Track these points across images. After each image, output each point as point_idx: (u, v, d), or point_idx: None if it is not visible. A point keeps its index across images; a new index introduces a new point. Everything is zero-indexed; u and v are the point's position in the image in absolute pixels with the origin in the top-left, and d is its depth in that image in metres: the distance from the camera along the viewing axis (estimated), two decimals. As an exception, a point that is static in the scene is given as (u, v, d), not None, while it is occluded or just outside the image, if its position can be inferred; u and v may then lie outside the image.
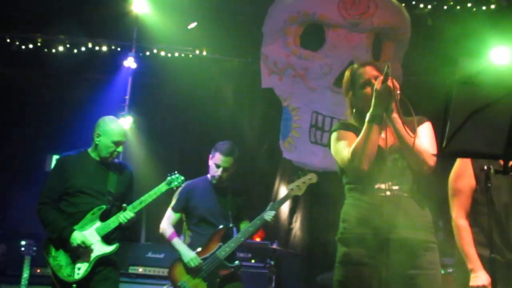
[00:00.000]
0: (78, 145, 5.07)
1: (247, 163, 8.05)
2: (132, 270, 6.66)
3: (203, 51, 8.48)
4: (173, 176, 5.05)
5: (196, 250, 5.10)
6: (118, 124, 4.96)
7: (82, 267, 4.61)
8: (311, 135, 7.43)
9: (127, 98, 7.83)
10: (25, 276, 5.92)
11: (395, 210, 3.10)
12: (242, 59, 8.54)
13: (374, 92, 3.07)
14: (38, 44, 8.55)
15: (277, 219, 8.02)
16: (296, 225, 8.01)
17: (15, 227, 7.63)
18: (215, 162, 5.21)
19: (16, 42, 8.47)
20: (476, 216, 3.68)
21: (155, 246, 6.83)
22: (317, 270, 6.75)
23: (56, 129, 8.07)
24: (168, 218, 5.31)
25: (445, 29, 7.69)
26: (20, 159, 8.36)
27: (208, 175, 5.37)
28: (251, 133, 8.29)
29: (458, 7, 8.04)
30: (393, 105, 3.08)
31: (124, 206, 4.77)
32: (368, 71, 3.29)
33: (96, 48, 8.61)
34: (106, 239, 4.73)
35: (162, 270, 6.55)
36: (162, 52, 8.62)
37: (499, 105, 2.25)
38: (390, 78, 3.01)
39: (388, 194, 3.14)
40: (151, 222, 7.47)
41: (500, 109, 2.27)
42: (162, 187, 4.97)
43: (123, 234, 5.03)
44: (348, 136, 3.24)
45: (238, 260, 5.22)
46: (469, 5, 8.00)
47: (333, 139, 3.33)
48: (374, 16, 7.27)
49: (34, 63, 8.58)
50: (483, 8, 7.97)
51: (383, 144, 3.19)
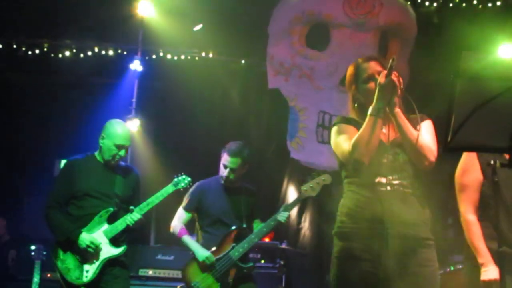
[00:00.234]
0: (86, 149, 5.04)
1: (254, 164, 8.05)
2: (142, 272, 6.64)
3: (209, 53, 8.51)
4: (179, 178, 5.04)
5: (210, 250, 5.06)
6: (123, 128, 4.91)
7: (90, 270, 4.61)
8: (318, 135, 7.43)
9: (134, 101, 7.85)
10: (35, 280, 5.97)
11: (395, 205, 3.09)
12: (248, 60, 8.54)
13: (378, 86, 3.05)
14: (45, 49, 8.60)
15: (286, 220, 8.08)
16: (305, 225, 7.99)
17: (25, 232, 7.68)
18: (223, 163, 5.16)
19: (23, 48, 8.53)
20: (485, 210, 3.66)
21: (164, 248, 6.82)
22: (326, 270, 6.72)
23: (64, 134, 8.10)
24: (179, 218, 5.27)
25: (451, 27, 7.68)
26: (28, 164, 8.41)
27: (219, 176, 5.32)
28: (258, 134, 8.27)
29: (464, 5, 8.04)
30: (395, 99, 3.07)
31: (131, 208, 4.77)
32: (373, 66, 3.27)
33: (103, 52, 8.65)
34: (114, 242, 4.73)
35: (172, 272, 6.53)
36: (168, 55, 8.64)
37: (504, 98, 2.24)
38: (395, 73, 3.01)
39: (388, 188, 3.12)
40: (160, 224, 7.47)
41: (505, 102, 2.26)
42: (169, 189, 4.96)
43: (132, 236, 5.03)
44: (349, 130, 3.22)
45: (251, 261, 5.19)
46: (474, 2, 8.00)
47: (333, 133, 3.31)
48: (380, 15, 7.27)
49: (41, 69, 8.62)
50: (489, 5, 7.97)
51: (385, 139, 3.18)
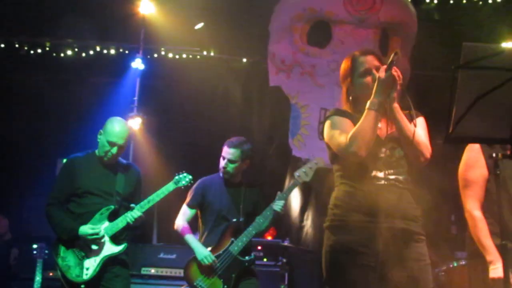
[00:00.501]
0: (88, 148, 5.03)
1: (256, 161, 8.05)
2: (144, 271, 6.65)
3: (211, 52, 8.51)
4: (181, 175, 5.03)
5: (209, 247, 5.07)
6: (119, 126, 4.84)
7: (91, 268, 4.60)
8: (319, 132, 7.41)
9: (136, 99, 7.85)
10: (37, 279, 5.98)
11: (392, 199, 3.10)
12: (249, 58, 8.53)
13: (377, 80, 3.06)
14: (47, 48, 8.60)
15: (288, 217, 8.06)
16: (308, 222, 7.97)
17: (27, 231, 7.68)
18: (222, 155, 5.19)
19: (25, 47, 8.53)
20: (490, 206, 3.63)
21: (167, 247, 6.83)
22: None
23: (66, 133, 8.10)
24: (184, 215, 5.26)
25: (451, 23, 7.68)
26: (30, 163, 8.40)
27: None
28: (260, 132, 8.27)
29: (465, 1, 8.01)
30: (394, 94, 3.07)
31: (132, 206, 4.76)
32: (370, 60, 3.27)
33: (104, 51, 8.64)
34: (115, 239, 4.72)
35: (174, 271, 6.54)
36: (169, 54, 8.64)
37: (505, 89, 2.24)
38: (395, 67, 3.00)
39: (384, 183, 3.13)
40: (162, 223, 7.47)
41: (506, 93, 2.25)
42: (170, 186, 4.95)
43: (134, 234, 5.02)
44: (344, 123, 3.21)
45: (252, 254, 5.16)
46: (475, -2, 7.98)
47: (328, 125, 3.29)
48: (381, 11, 7.26)
49: (42, 68, 8.62)
50: (490, 1, 7.94)
51: (381, 133, 3.18)
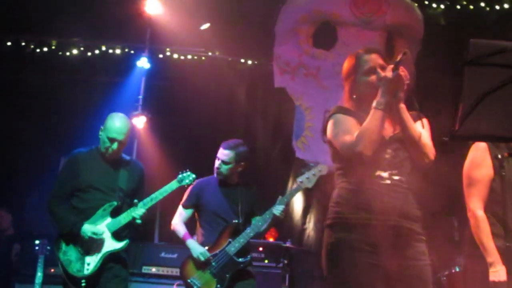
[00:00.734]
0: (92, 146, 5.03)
1: (260, 163, 8.04)
2: (145, 270, 6.65)
3: (216, 52, 8.51)
4: (184, 174, 5.03)
5: (206, 247, 5.09)
6: (119, 121, 4.82)
7: (92, 263, 4.60)
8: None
9: (141, 97, 7.85)
10: (39, 275, 5.97)
11: (395, 198, 3.09)
12: (254, 59, 8.54)
13: (384, 79, 3.05)
14: (53, 47, 8.62)
15: (290, 219, 8.05)
16: (310, 225, 7.96)
17: (29, 227, 7.68)
18: (217, 156, 5.24)
19: (31, 46, 8.55)
20: (493, 205, 3.62)
21: (168, 246, 6.84)
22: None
23: (70, 131, 8.10)
24: (180, 215, 5.31)
25: (458, 28, 7.66)
26: (34, 161, 8.41)
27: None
28: (264, 133, 8.27)
29: (471, 7, 7.99)
30: (401, 94, 3.06)
31: (135, 201, 4.76)
32: (374, 59, 3.25)
33: (110, 51, 8.66)
34: (116, 236, 4.72)
35: (175, 270, 6.52)
36: (175, 55, 8.65)
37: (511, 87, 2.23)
38: (402, 67, 3.00)
39: (388, 182, 3.12)
40: (164, 222, 7.44)
41: (512, 91, 2.24)
42: (173, 185, 4.96)
43: (135, 233, 5.02)
44: (348, 121, 3.18)
45: (249, 256, 5.17)
46: (482, 4, 7.95)
47: (332, 123, 3.25)
48: (387, 14, 7.24)
49: (48, 66, 8.64)
50: (497, 7, 7.92)
51: (386, 134, 3.16)
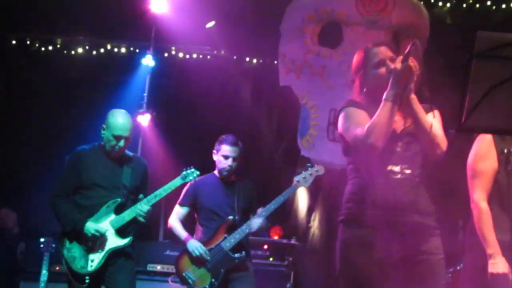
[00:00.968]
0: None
1: (265, 161, 8.05)
2: (150, 268, 6.66)
3: (221, 51, 8.52)
4: (188, 171, 5.01)
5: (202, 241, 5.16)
6: (122, 118, 4.79)
7: (96, 259, 4.60)
8: (329, 133, 7.36)
9: (145, 95, 7.86)
10: (44, 273, 5.98)
11: (408, 193, 3.09)
12: (259, 58, 8.54)
13: (394, 71, 3.04)
14: (58, 46, 8.64)
15: (295, 218, 8.06)
16: (315, 223, 7.96)
17: (34, 225, 7.69)
18: (223, 154, 5.27)
19: (36, 44, 8.57)
20: (498, 199, 3.61)
21: (173, 244, 6.80)
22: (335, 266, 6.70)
23: (75, 130, 8.11)
24: (177, 214, 5.39)
25: (464, 27, 7.64)
26: (39, 160, 8.43)
27: (214, 172, 5.42)
28: (269, 132, 8.28)
29: (478, 5, 7.98)
30: (411, 86, 3.05)
31: (141, 196, 4.77)
32: (383, 51, 3.25)
33: (115, 50, 8.67)
34: (120, 232, 4.72)
35: (180, 268, 6.53)
36: (180, 53, 8.66)
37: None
38: (411, 58, 2.99)
39: (400, 177, 3.11)
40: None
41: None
42: (177, 182, 4.95)
43: (140, 231, 5.01)
44: (360, 114, 3.18)
45: (244, 252, 5.19)
46: (488, 3, 7.93)
47: (342, 117, 3.25)
48: (393, 14, 7.19)
49: (53, 65, 8.65)
50: (503, 6, 7.90)
51: (397, 127, 3.16)
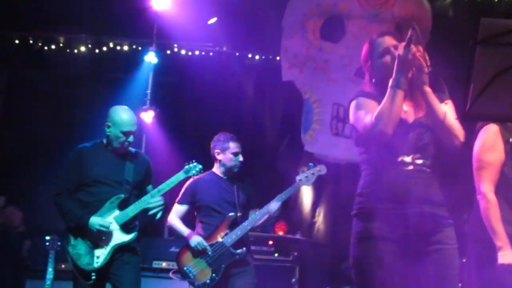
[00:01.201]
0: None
1: (268, 157, 8.05)
2: (155, 264, 6.66)
3: (223, 47, 8.51)
4: (191, 165, 5.00)
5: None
6: (127, 114, 4.84)
7: (101, 256, 4.61)
8: (332, 127, 7.38)
9: (149, 92, 7.87)
10: (49, 270, 5.98)
11: (419, 184, 3.08)
12: (262, 54, 8.53)
13: (397, 57, 3.05)
14: (61, 44, 8.64)
15: (300, 212, 8.05)
16: (319, 218, 7.96)
17: (40, 223, 7.70)
18: (233, 152, 5.36)
19: (39, 43, 8.57)
20: (505, 191, 3.58)
21: (178, 240, 6.80)
22: (340, 261, 6.69)
23: (78, 128, 8.12)
24: (176, 212, 5.41)
25: (466, 20, 7.61)
26: (43, 157, 8.43)
27: (213, 170, 5.46)
28: (272, 127, 8.28)
29: (480, -2, 7.96)
30: (425, 77, 3.05)
31: (149, 188, 4.82)
32: (387, 41, 3.28)
33: (118, 47, 8.67)
34: (125, 228, 4.72)
35: (185, 265, 6.53)
36: (182, 50, 8.65)
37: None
38: (419, 48, 3.01)
39: (411, 168, 3.10)
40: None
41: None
42: (180, 176, 4.94)
43: (147, 226, 5.02)
44: (370, 103, 3.19)
45: (245, 248, 5.22)
46: (491, -4, 7.91)
47: (353, 107, 3.28)
48: (395, 6, 7.20)
49: (56, 63, 8.66)
50: (506, -2, 7.88)
51: (408, 118, 3.16)
